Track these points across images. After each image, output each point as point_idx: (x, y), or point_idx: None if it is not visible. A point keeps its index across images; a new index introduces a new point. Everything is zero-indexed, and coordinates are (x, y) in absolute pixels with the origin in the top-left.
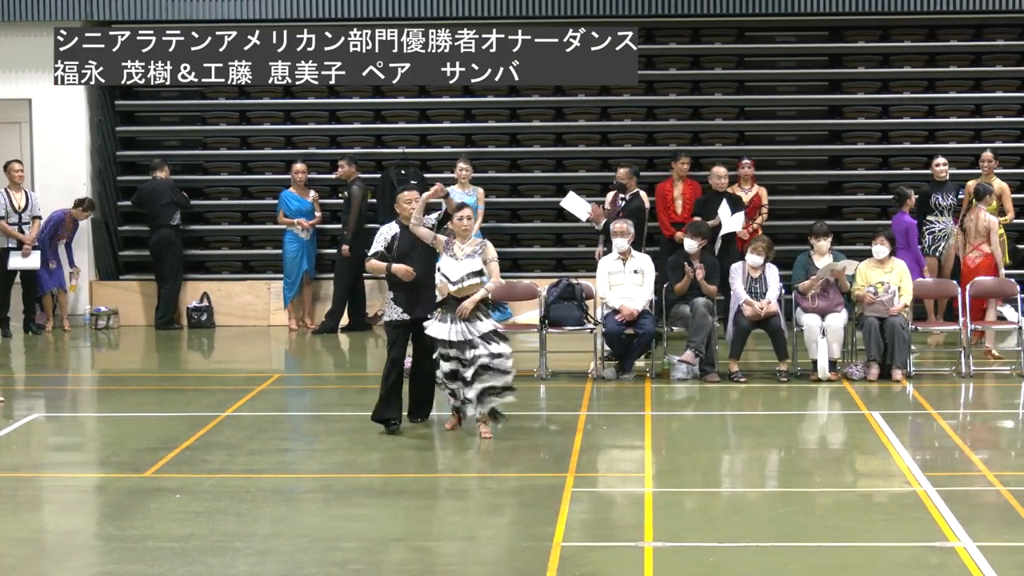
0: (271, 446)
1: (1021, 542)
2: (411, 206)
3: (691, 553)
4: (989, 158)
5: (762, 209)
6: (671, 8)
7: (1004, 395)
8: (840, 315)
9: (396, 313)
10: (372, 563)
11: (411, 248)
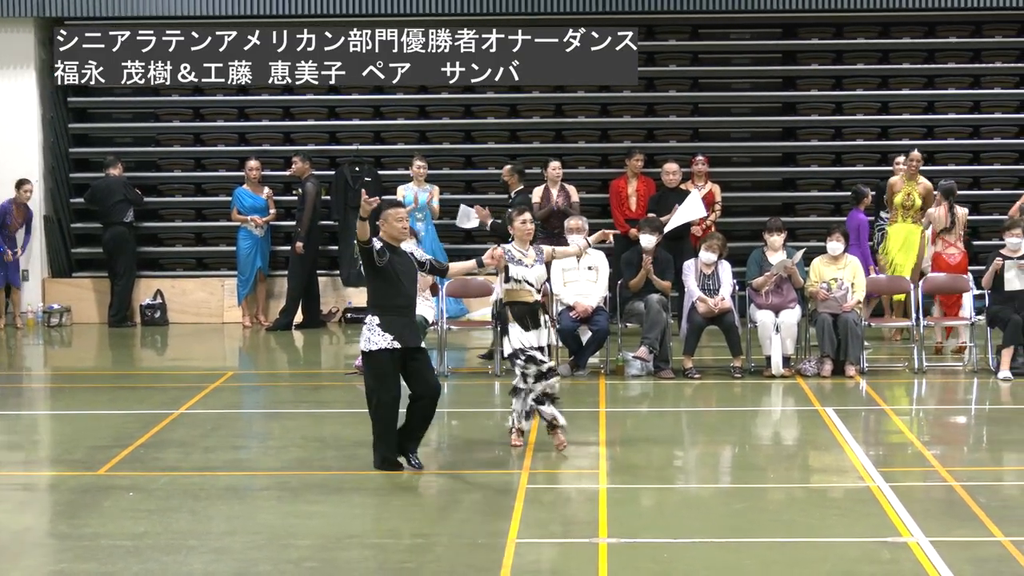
0: (225, 443)
1: (973, 537)
2: (402, 225)
3: (645, 549)
4: (917, 157)
5: (716, 206)
6: (625, 5)
7: (957, 391)
8: (794, 311)
9: (385, 341)
10: (327, 560)
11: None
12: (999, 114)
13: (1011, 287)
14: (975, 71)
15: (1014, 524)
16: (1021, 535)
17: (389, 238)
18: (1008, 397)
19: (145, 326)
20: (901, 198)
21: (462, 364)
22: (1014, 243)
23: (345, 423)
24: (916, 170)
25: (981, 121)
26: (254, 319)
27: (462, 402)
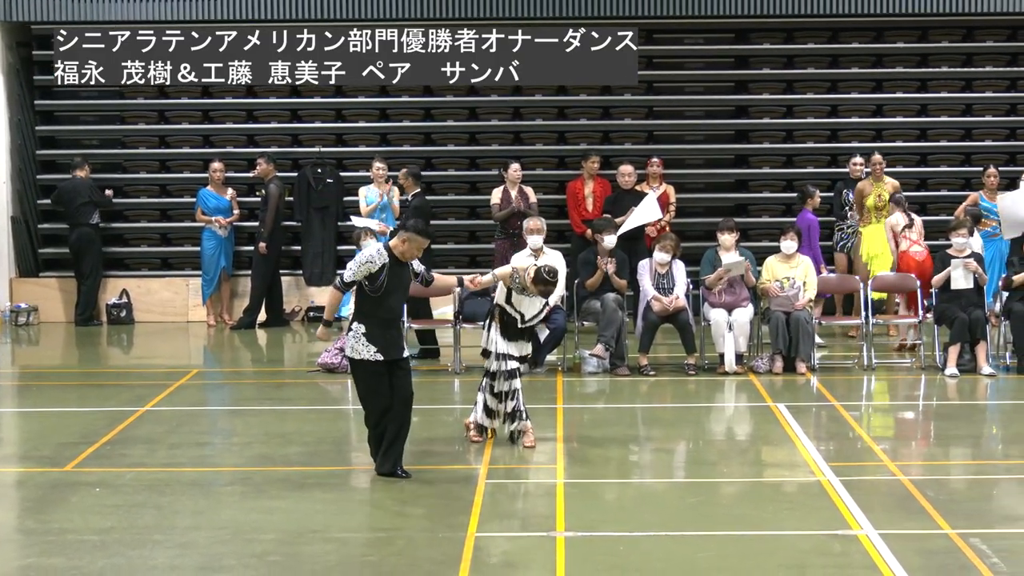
0: (190, 440)
1: (921, 530)
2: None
3: (602, 543)
4: (879, 160)
5: (670, 207)
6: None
7: (905, 387)
8: (746, 310)
9: (368, 352)
10: (290, 555)
11: (397, 285)
12: (946, 117)
13: (957, 286)
14: (922, 75)
15: (961, 517)
16: (968, 528)
17: (400, 254)
18: (955, 393)
19: (111, 325)
20: (873, 200)
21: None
22: (960, 243)
23: (308, 420)
24: (882, 172)
25: (928, 124)
26: (218, 318)
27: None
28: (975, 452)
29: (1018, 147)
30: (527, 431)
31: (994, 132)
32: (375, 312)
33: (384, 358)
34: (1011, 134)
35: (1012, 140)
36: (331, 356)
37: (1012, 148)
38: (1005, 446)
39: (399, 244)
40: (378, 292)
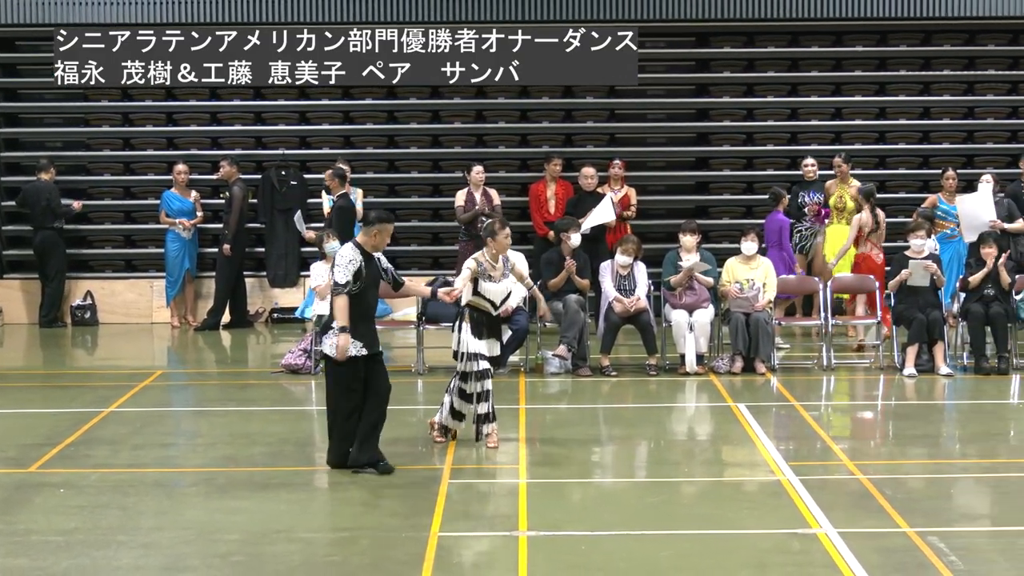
0: (154, 441)
1: (880, 528)
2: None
3: (564, 542)
4: (839, 163)
5: (631, 208)
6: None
7: (863, 387)
8: (707, 311)
9: (355, 348)
10: (254, 555)
11: (373, 280)
12: (904, 120)
13: (914, 283)
14: (881, 79)
15: (919, 515)
16: (926, 526)
17: (371, 248)
18: (913, 393)
19: (76, 326)
20: (834, 200)
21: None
22: (918, 244)
23: (271, 420)
24: (847, 173)
25: (886, 127)
26: (182, 319)
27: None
28: (933, 451)
29: (976, 150)
30: (492, 432)
31: (952, 135)
32: (356, 309)
33: (368, 352)
34: (968, 137)
35: (969, 143)
36: (295, 357)
37: (969, 151)
38: (963, 445)
39: (369, 239)
40: (359, 289)
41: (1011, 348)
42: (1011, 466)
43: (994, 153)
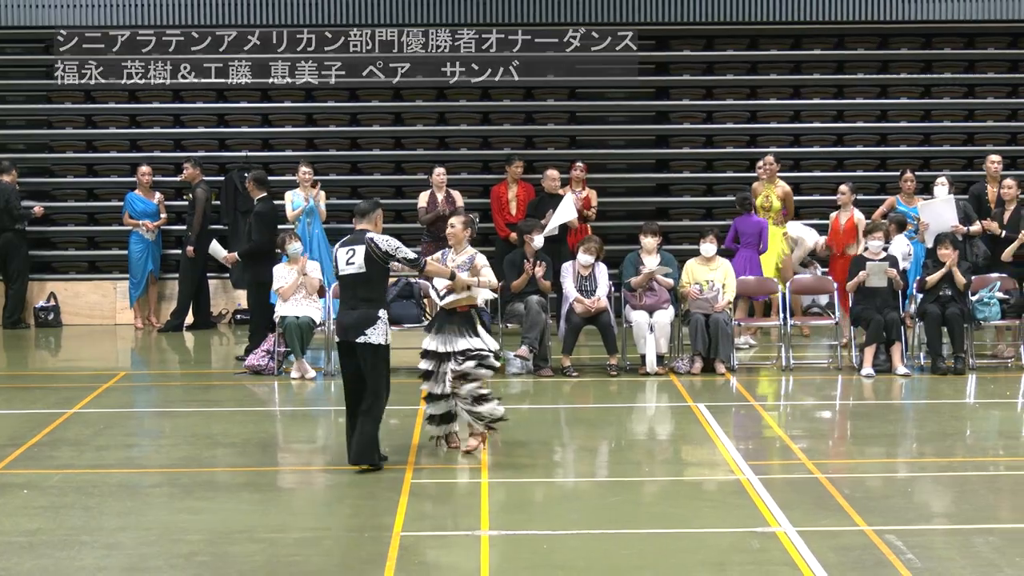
0: (117, 442)
1: (838, 527)
2: None
3: (525, 541)
4: (770, 161)
5: (592, 210)
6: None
7: (822, 387)
8: (667, 311)
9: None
10: (217, 555)
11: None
12: (862, 122)
13: (871, 284)
14: (839, 81)
15: (876, 514)
16: (883, 524)
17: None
18: (871, 393)
19: (39, 328)
20: (760, 200)
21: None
22: (875, 246)
23: (235, 421)
24: (774, 173)
25: (845, 129)
26: (146, 320)
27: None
28: (890, 451)
29: (932, 152)
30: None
31: (909, 137)
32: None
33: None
34: (925, 139)
35: (927, 145)
36: (258, 358)
37: (926, 153)
38: (920, 445)
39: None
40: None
41: (967, 348)
42: (967, 465)
43: (951, 155)
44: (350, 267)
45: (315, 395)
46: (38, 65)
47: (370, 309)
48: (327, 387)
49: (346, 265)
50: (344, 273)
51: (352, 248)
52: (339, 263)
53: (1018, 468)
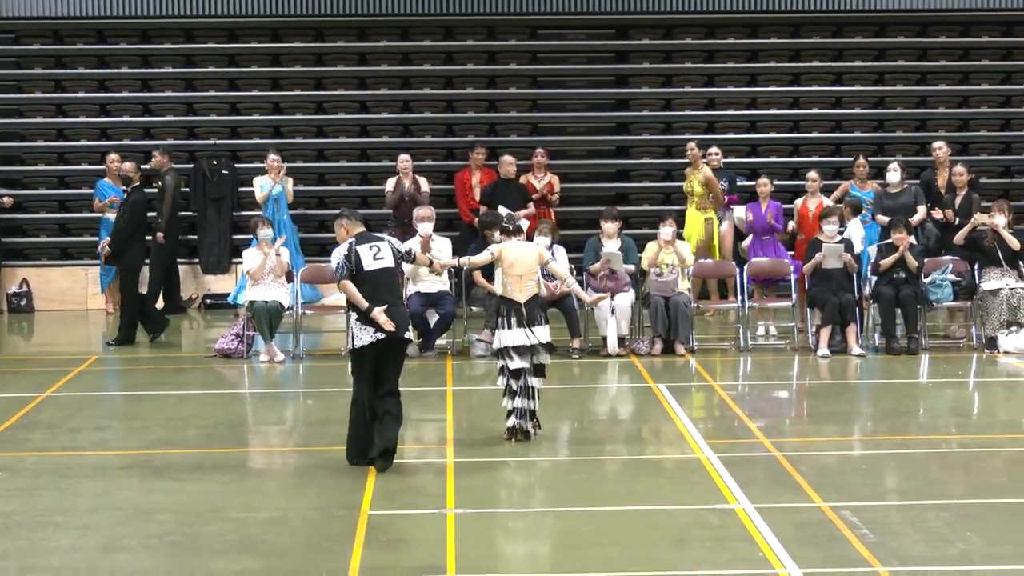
0: (90, 424)
1: (795, 503)
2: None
3: (491, 519)
4: (692, 147)
5: (554, 195)
6: (468, 7)
7: (778, 367)
8: (628, 295)
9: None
10: (189, 535)
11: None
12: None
13: (827, 265)
14: (795, 69)
15: (832, 490)
16: (839, 500)
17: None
18: (827, 373)
19: (12, 313)
20: (685, 186)
21: (316, 346)
22: (831, 229)
23: (205, 404)
24: (697, 159)
25: (800, 116)
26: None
27: (316, 382)
28: (846, 429)
29: (886, 138)
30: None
31: (863, 124)
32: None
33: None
34: (879, 126)
35: (880, 131)
36: (227, 342)
37: (880, 139)
38: (874, 423)
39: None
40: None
41: (920, 329)
42: (920, 442)
43: (904, 141)
44: (379, 262)
45: (284, 378)
46: (7, 55)
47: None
48: (295, 370)
49: (374, 260)
50: (373, 268)
51: (375, 245)
52: (364, 260)
53: (969, 445)
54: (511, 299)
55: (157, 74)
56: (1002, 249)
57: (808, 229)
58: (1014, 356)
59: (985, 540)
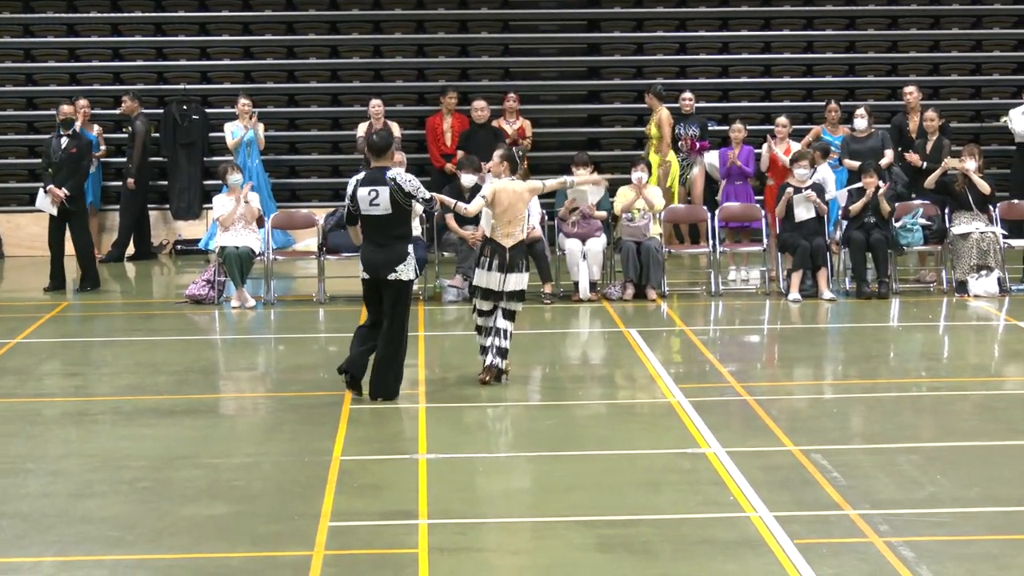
0: (60, 371)
1: (765, 447)
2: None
3: (462, 464)
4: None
5: (526, 140)
6: None
7: (749, 312)
8: (599, 239)
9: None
10: (160, 480)
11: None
12: (788, 54)
13: (800, 218)
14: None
15: (803, 434)
16: (809, 444)
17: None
18: (797, 317)
19: None
20: (647, 129)
21: (288, 292)
22: (802, 174)
23: (176, 350)
24: (656, 105)
25: (772, 60)
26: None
27: (288, 328)
28: (816, 373)
29: (857, 83)
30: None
31: (834, 68)
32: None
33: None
34: (850, 70)
35: (851, 76)
36: (198, 288)
37: (851, 83)
38: (844, 367)
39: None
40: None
41: (890, 273)
42: (890, 386)
43: (875, 86)
44: (375, 208)
45: (255, 324)
46: None
47: (400, 245)
48: (267, 316)
49: (370, 206)
50: (368, 214)
51: (375, 189)
52: (361, 204)
53: (939, 389)
54: (498, 242)
55: (127, 18)
56: (972, 193)
57: (778, 175)
58: (984, 300)
59: (954, 483)
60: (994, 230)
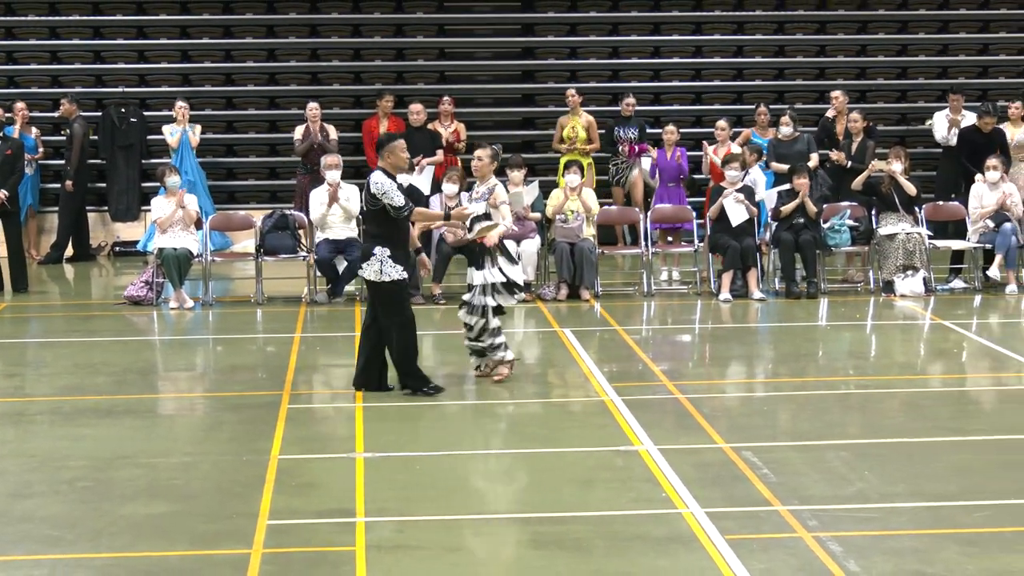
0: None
1: (697, 444)
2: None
3: (399, 462)
4: (572, 94)
5: (461, 143)
6: None
7: (682, 312)
8: (534, 240)
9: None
10: (100, 480)
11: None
12: (718, 58)
13: (735, 221)
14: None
15: (734, 432)
16: (740, 442)
17: (393, 169)
18: (728, 317)
19: None
20: (567, 131)
21: (226, 293)
22: (733, 175)
23: (115, 351)
24: (577, 105)
25: (702, 64)
26: (26, 253)
27: (227, 328)
28: (747, 371)
29: (786, 86)
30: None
31: (763, 72)
32: (398, 235)
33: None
34: (779, 74)
35: (780, 79)
36: (137, 289)
37: (780, 87)
38: (774, 365)
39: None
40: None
41: (819, 273)
42: (819, 384)
43: (803, 89)
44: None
45: (193, 324)
46: None
47: (370, 244)
48: (205, 317)
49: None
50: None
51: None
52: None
53: (867, 387)
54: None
55: (65, 22)
56: (899, 195)
57: (717, 177)
58: (910, 299)
59: (881, 479)
60: (920, 231)
